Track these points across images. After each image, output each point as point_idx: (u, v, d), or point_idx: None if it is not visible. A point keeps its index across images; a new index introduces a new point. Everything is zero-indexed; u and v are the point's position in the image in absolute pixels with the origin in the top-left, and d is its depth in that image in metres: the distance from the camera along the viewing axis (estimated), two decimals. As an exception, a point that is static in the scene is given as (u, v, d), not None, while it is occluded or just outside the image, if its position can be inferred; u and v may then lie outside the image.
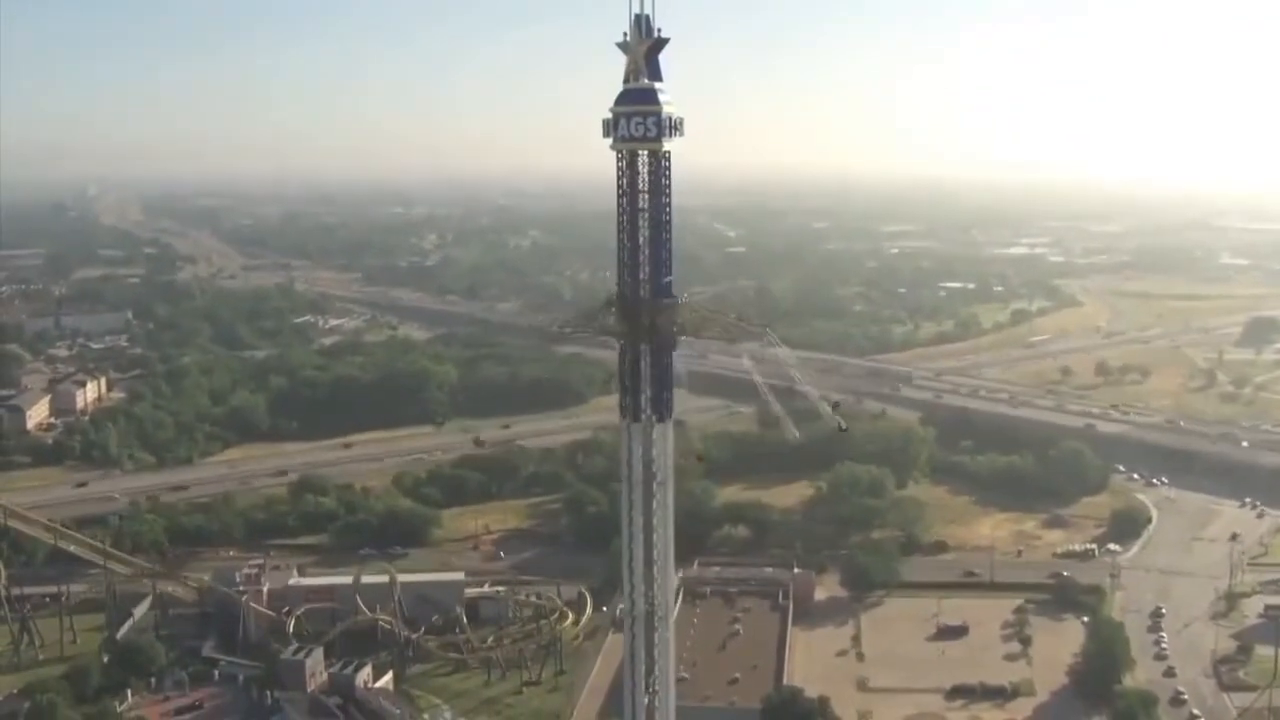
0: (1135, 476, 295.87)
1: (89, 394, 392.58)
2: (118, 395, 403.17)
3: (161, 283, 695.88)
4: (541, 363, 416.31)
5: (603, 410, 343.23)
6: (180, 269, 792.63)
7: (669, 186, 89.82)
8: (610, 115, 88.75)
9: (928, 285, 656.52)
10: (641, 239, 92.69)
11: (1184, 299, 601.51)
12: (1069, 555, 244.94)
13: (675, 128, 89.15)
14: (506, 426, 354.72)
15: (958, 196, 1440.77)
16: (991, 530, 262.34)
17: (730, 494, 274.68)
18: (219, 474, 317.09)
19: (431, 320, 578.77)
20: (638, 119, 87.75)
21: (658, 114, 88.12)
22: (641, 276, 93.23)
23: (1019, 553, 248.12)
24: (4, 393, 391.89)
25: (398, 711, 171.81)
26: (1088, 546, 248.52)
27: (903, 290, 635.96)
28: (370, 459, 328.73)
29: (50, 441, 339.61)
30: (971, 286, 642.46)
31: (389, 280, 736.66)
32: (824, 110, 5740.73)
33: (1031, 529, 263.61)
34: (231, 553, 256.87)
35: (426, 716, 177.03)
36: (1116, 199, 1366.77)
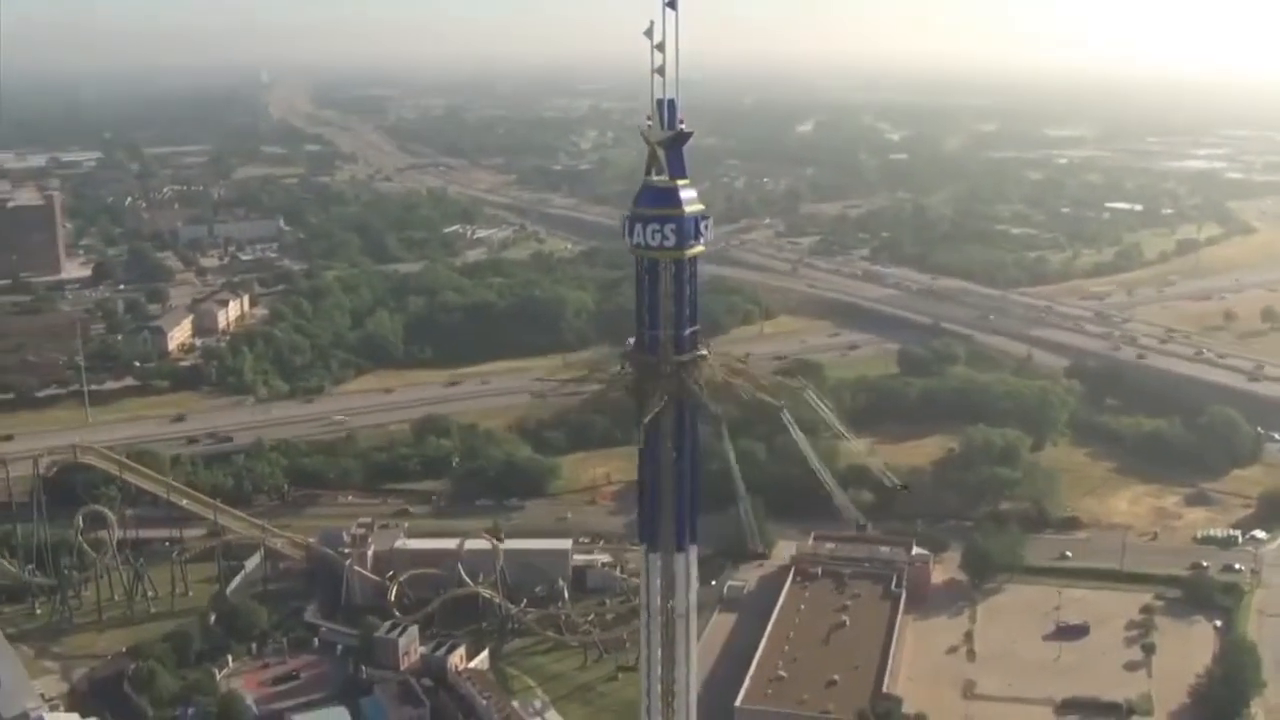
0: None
1: (231, 313, 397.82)
2: (260, 313, 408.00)
3: (317, 185, 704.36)
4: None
5: (740, 342, 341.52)
6: (338, 169, 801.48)
7: (695, 291, 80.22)
8: (629, 214, 79.24)
9: (1093, 204, 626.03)
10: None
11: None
12: (1209, 541, 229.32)
13: (699, 232, 79.16)
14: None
15: (1145, 96, 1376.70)
16: (1130, 506, 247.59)
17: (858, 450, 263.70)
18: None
19: (580, 231, 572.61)
20: (654, 225, 78.07)
21: (679, 219, 77.89)
22: (661, 327, 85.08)
23: (1154, 535, 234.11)
24: (151, 308, 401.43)
25: (484, 701, 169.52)
26: (1230, 532, 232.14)
27: (1066, 210, 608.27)
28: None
29: (188, 365, 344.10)
30: (1139, 208, 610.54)
31: (543, 184, 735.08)
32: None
33: (1172, 506, 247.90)
34: (350, 497, 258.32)
35: (516, 704, 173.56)
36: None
